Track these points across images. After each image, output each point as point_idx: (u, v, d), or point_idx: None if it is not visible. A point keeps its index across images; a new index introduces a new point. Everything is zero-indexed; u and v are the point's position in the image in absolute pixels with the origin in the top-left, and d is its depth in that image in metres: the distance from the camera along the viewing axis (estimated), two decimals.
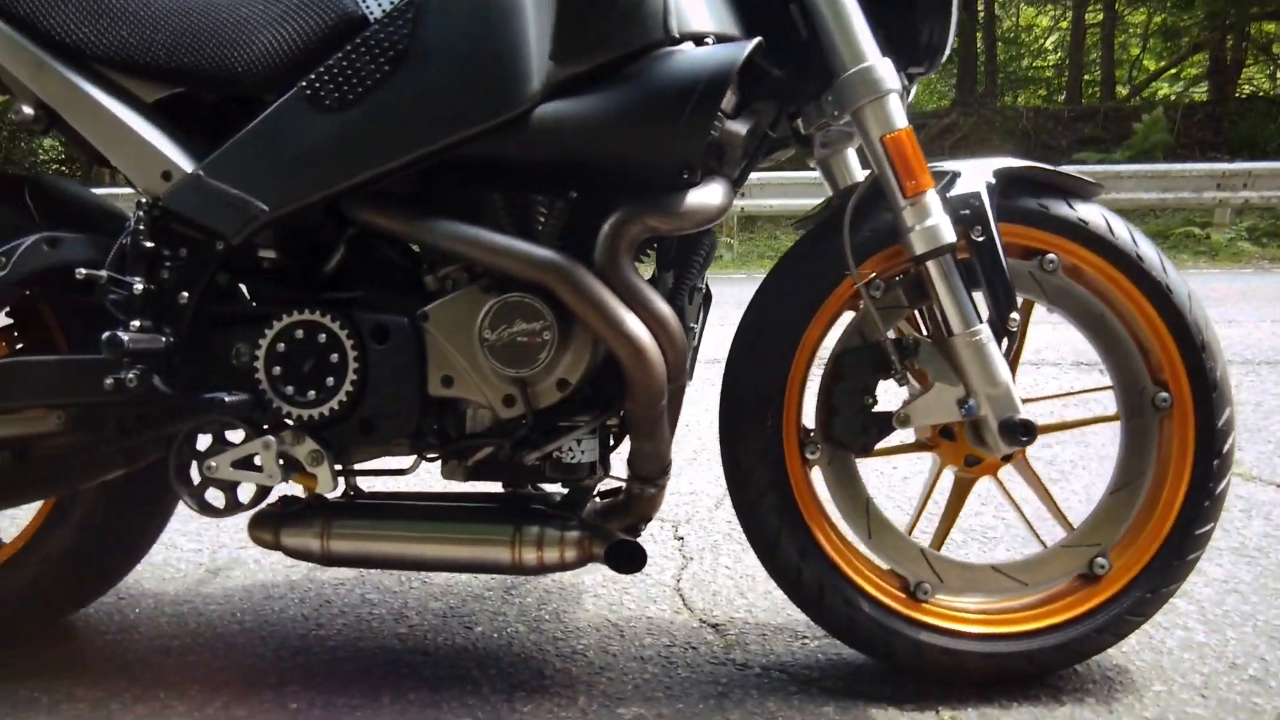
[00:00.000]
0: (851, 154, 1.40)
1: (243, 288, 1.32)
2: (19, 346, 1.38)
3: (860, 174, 1.40)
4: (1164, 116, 8.57)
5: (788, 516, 1.22)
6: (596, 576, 1.64)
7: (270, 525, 1.27)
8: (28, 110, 1.23)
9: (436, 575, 1.65)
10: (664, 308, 1.13)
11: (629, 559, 1.21)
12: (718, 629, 1.44)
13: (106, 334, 1.13)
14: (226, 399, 1.15)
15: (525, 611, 1.51)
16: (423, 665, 1.33)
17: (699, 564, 1.70)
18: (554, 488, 1.37)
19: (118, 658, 1.37)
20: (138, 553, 1.44)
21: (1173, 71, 14.16)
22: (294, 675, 1.31)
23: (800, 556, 1.22)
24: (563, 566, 1.23)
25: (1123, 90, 15.65)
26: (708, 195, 1.12)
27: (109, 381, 1.17)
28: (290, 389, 1.19)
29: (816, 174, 1.49)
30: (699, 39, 1.10)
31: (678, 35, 1.08)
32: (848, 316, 1.28)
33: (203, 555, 1.78)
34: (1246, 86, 12.93)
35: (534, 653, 1.37)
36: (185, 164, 1.20)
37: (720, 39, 1.11)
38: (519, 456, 1.20)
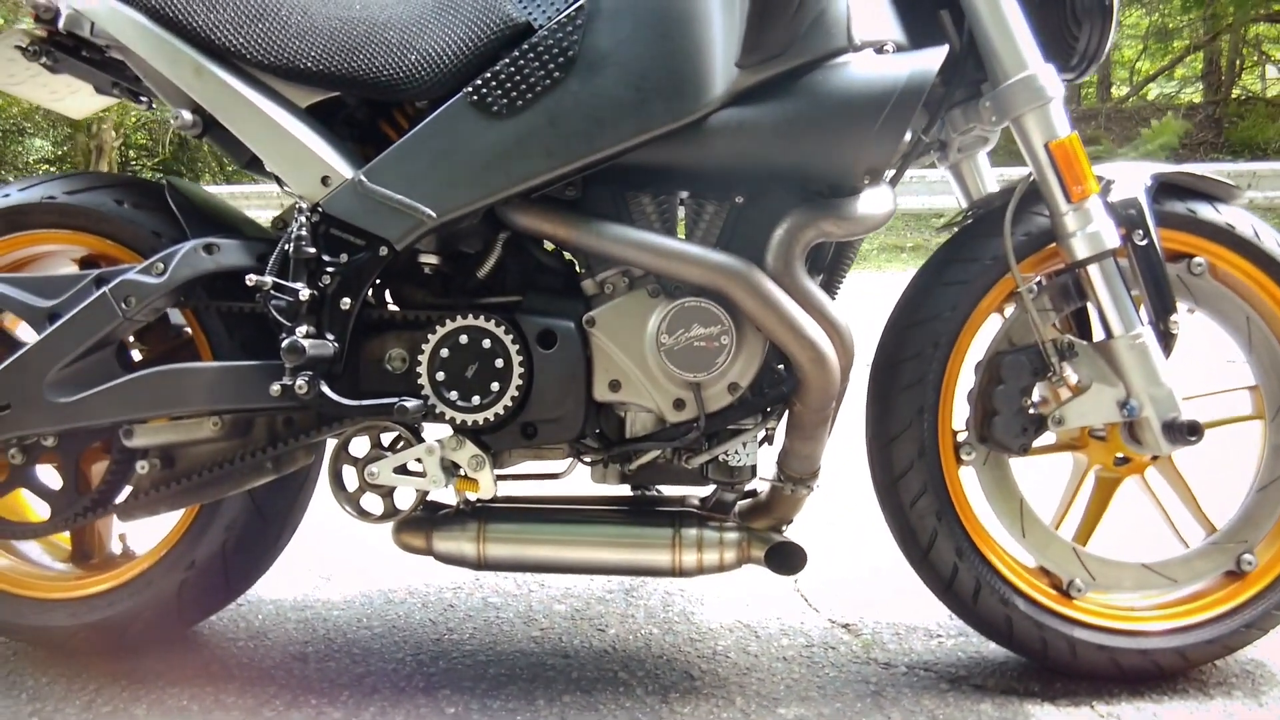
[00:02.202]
0: (983, 158, 1.42)
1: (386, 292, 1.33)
2: (135, 356, 1.37)
3: (990, 178, 1.42)
4: (1174, 120, 8.69)
5: (945, 517, 1.23)
6: (713, 579, 1.64)
7: (421, 530, 1.27)
8: (186, 115, 1.23)
9: (554, 578, 1.65)
10: (836, 312, 1.14)
11: (790, 561, 1.22)
12: (849, 629, 1.46)
13: (287, 340, 1.13)
14: (409, 405, 1.15)
15: (653, 614, 1.52)
16: (568, 668, 1.34)
17: (810, 565, 1.71)
18: (675, 489, 1.38)
19: (256, 664, 1.37)
20: (270, 559, 1.43)
21: (1166, 73, 14.37)
22: (440, 679, 1.31)
23: (958, 556, 1.23)
24: (721, 568, 1.24)
25: (1116, 91, 15.83)
26: (878, 200, 1.13)
27: (276, 388, 1.17)
28: (454, 394, 1.19)
29: None
30: (878, 47, 1.11)
31: (859, 43, 1.09)
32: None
33: (310, 560, 1.77)
34: (1234, 89, 13.09)
35: (674, 655, 1.38)
36: (343, 169, 1.20)
37: (899, 47, 1.13)
38: (684, 460, 1.21)
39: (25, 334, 1.32)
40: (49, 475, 1.33)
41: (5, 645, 1.43)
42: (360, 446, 1.24)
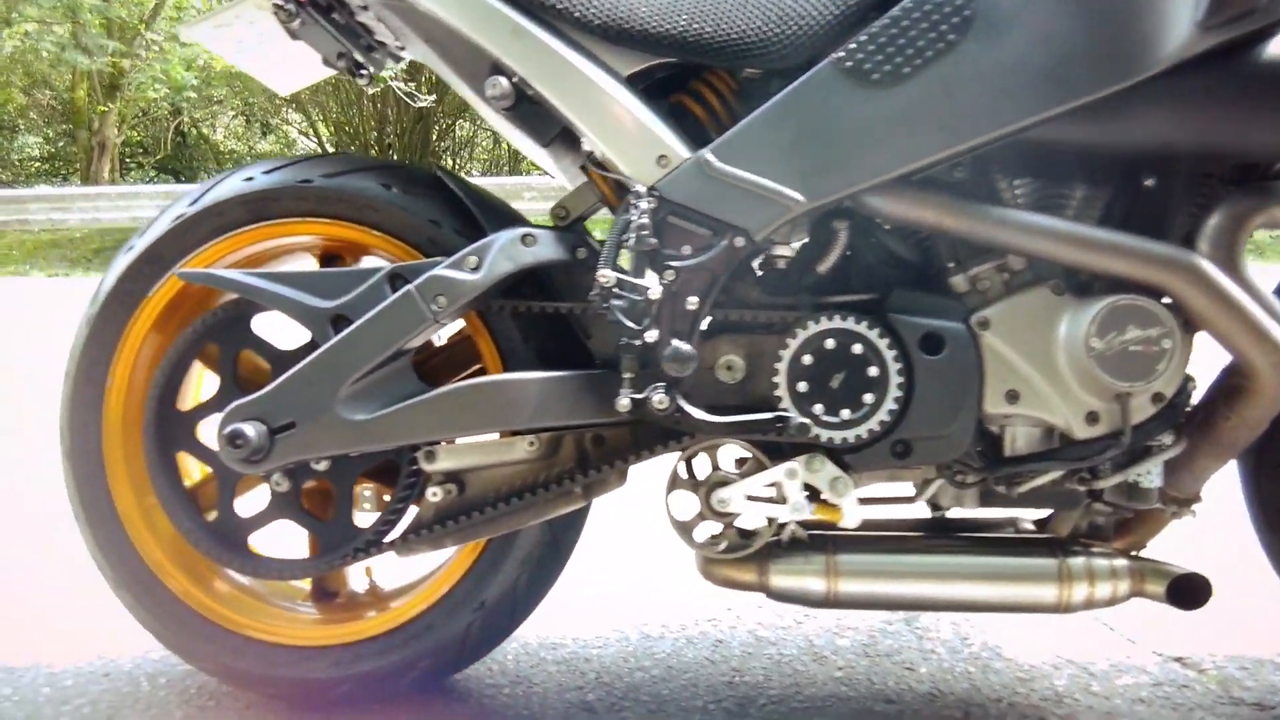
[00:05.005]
0: None
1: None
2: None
3: None
4: None
5: None
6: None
7: (753, 564, 1.11)
8: (504, 82, 1.05)
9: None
10: None
11: (1195, 595, 1.07)
12: (1184, 663, 1.31)
13: (670, 347, 0.97)
14: (794, 421, 0.99)
15: (955, 649, 1.36)
16: (901, 715, 1.18)
17: None
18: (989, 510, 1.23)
19: (538, 716, 1.19)
20: (547, 593, 1.25)
21: None
22: None
23: None
24: (1112, 602, 1.08)
25: None
26: None
27: (625, 401, 1.00)
28: (819, 408, 1.03)
29: None
30: None
31: None
32: None
33: None
34: None
35: (1014, 699, 1.22)
36: (680, 147, 1.03)
37: None
38: (1089, 481, 1.05)
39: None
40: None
41: (231, 696, 1.24)
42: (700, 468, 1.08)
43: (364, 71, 1.30)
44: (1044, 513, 1.21)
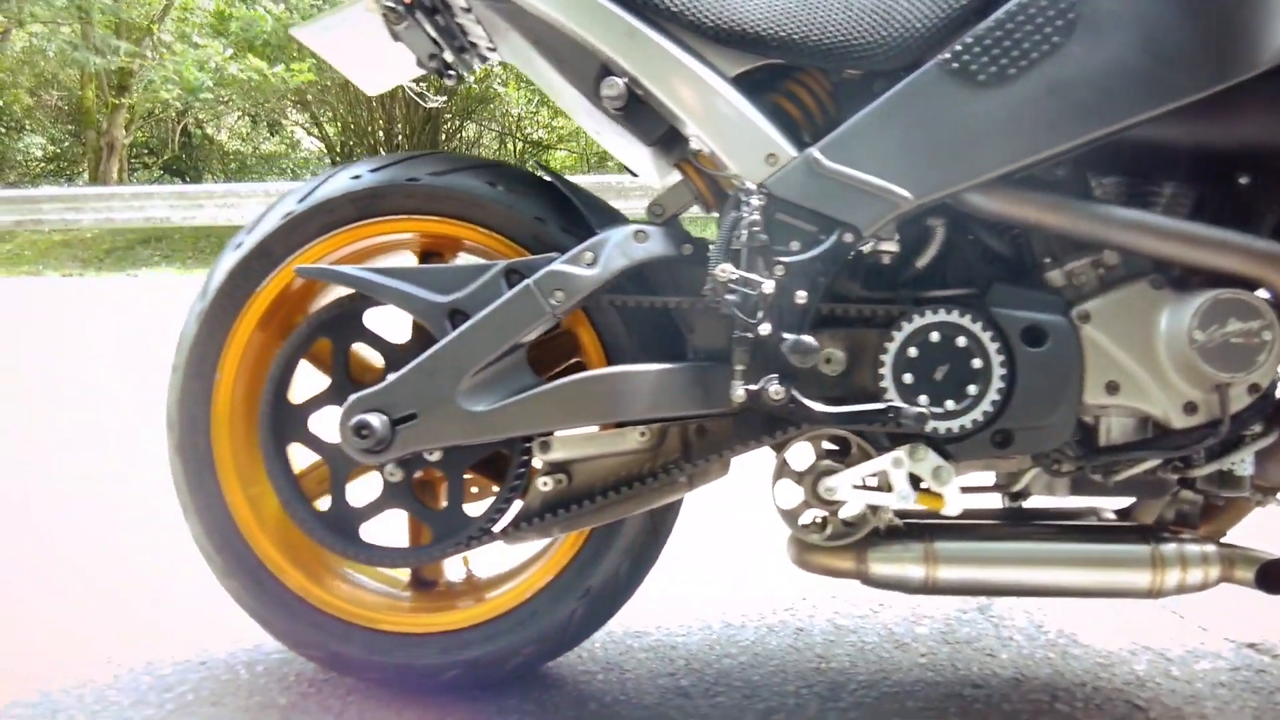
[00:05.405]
0: None
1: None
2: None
3: None
4: None
5: None
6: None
7: (850, 552, 1.14)
8: (619, 83, 1.08)
9: (881, 594, 1.52)
10: None
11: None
12: (1257, 648, 1.34)
13: (791, 339, 1.00)
14: (910, 411, 1.02)
15: (1031, 636, 1.39)
16: (992, 699, 1.21)
17: None
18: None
19: (638, 701, 1.22)
20: (643, 578, 1.28)
21: None
22: (862, 718, 1.18)
23: None
24: (1203, 587, 1.12)
25: None
26: None
27: (740, 392, 1.03)
28: (924, 399, 1.06)
29: None
30: None
31: None
32: None
33: None
34: None
35: (1097, 683, 1.25)
36: (787, 146, 1.07)
37: None
38: (1183, 470, 1.09)
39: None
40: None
41: (331, 683, 1.27)
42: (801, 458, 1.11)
43: (451, 72, 1.34)
44: (1125, 502, 1.25)
